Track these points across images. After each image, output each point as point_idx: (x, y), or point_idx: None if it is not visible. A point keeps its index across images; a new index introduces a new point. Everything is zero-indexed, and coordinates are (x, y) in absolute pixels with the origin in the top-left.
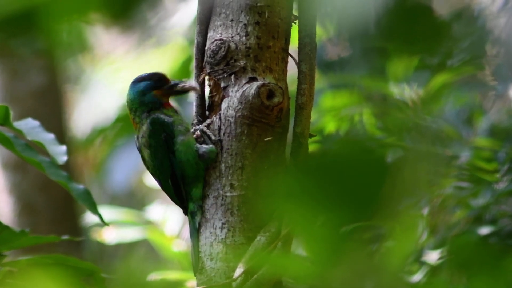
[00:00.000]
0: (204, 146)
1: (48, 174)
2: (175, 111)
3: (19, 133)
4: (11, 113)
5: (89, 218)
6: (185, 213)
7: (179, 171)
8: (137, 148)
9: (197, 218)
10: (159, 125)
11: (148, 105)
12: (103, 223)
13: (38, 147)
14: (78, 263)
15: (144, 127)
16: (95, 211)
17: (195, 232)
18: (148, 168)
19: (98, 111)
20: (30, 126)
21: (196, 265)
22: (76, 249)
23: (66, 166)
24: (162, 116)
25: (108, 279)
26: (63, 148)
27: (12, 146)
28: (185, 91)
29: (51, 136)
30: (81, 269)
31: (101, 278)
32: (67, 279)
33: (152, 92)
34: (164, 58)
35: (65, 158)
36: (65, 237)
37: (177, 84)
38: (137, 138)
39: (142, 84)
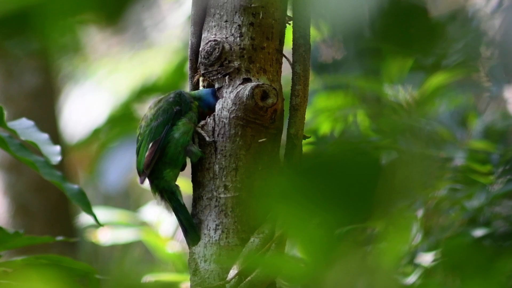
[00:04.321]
0: (195, 146)
1: (42, 174)
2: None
3: (13, 133)
4: (5, 113)
5: (84, 219)
6: (141, 181)
7: (164, 143)
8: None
9: (179, 195)
10: (180, 98)
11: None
12: (98, 223)
13: (32, 147)
14: (73, 264)
15: (167, 95)
16: (90, 211)
17: (182, 205)
18: (139, 130)
19: (91, 112)
20: (24, 126)
21: (195, 237)
22: (71, 250)
23: (60, 168)
24: (188, 97)
25: (103, 280)
26: (57, 148)
27: (6, 146)
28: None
29: (45, 136)
30: (76, 269)
31: (95, 279)
32: (61, 280)
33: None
34: (158, 59)
35: (59, 158)
36: (60, 238)
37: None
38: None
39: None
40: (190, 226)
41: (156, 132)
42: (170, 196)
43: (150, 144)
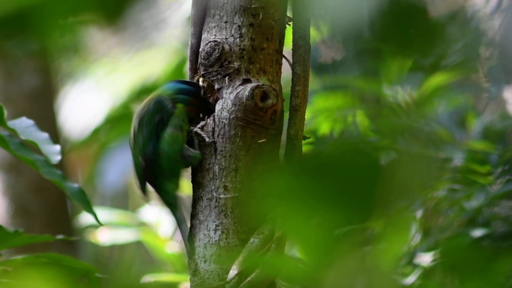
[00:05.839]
0: (192, 150)
1: (43, 173)
2: (185, 117)
3: (13, 132)
4: (5, 113)
5: (83, 220)
6: (143, 196)
7: (154, 157)
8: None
9: (178, 211)
10: (159, 105)
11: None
12: (98, 222)
13: (32, 146)
14: (73, 263)
15: (148, 103)
16: (90, 210)
17: (180, 220)
18: (129, 141)
19: (91, 112)
20: (24, 125)
21: (191, 251)
22: (70, 251)
23: (59, 168)
24: (167, 103)
25: (103, 279)
26: (57, 147)
27: (6, 144)
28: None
29: (45, 135)
30: (76, 268)
31: (96, 278)
32: (62, 278)
33: (188, 97)
34: (158, 60)
35: (59, 157)
36: (60, 236)
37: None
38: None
39: (186, 87)
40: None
41: (144, 146)
42: (171, 209)
43: (140, 159)
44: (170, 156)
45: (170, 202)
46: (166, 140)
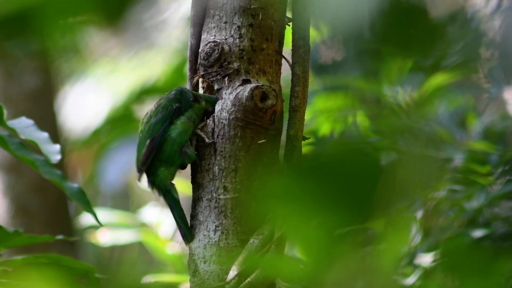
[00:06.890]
0: (191, 148)
1: (42, 173)
2: (199, 116)
3: (12, 132)
4: (5, 113)
5: (83, 220)
6: (138, 178)
7: (161, 140)
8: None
9: (174, 193)
10: (180, 95)
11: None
12: (97, 222)
13: (32, 146)
14: (73, 263)
15: (169, 92)
16: (89, 210)
17: (177, 203)
18: (141, 127)
19: (91, 113)
20: (23, 125)
21: (189, 234)
22: (71, 251)
23: (60, 168)
24: (189, 95)
25: (103, 279)
26: (57, 147)
27: (6, 144)
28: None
29: (44, 135)
30: (75, 269)
31: (95, 278)
32: (61, 279)
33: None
34: (158, 60)
35: (58, 157)
36: (60, 237)
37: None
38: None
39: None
40: (184, 224)
41: (154, 130)
42: (165, 194)
43: (148, 141)
44: (174, 144)
45: (162, 187)
46: (177, 126)
